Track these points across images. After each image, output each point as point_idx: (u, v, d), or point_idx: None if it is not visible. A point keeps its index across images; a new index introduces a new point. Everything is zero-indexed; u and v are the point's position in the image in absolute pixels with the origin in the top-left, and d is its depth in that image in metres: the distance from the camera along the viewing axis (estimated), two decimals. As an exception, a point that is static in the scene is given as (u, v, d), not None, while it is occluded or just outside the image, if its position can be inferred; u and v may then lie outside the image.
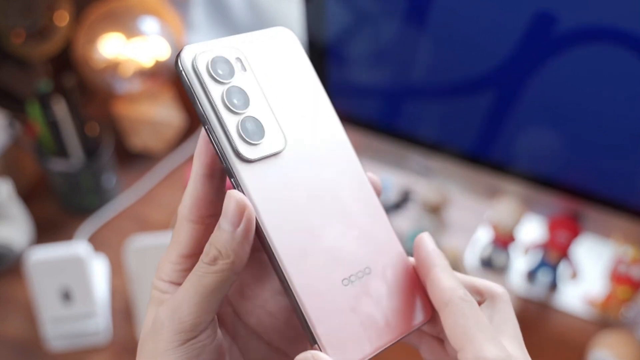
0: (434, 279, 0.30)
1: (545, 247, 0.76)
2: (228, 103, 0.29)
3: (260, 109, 0.30)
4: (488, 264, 0.78)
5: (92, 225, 0.86)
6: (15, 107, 0.87)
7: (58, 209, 0.88)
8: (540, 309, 0.78)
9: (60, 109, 0.78)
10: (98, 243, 0.82)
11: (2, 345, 0.73)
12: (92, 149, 0.83)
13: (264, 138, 0.29)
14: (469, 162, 0.75)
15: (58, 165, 0.82)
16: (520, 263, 0.80)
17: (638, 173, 0.66)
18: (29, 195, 0.88)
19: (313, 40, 0.73)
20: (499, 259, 0.77)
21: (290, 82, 0.31)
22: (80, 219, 0.86)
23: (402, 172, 0.84)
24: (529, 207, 0.76)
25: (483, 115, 0.70)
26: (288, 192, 0.29)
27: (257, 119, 0.30)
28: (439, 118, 0.73)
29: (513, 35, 0.61)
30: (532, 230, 0.83)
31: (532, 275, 0.78)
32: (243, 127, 0.29)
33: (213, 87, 0.29)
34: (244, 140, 0.29)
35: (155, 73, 0.90)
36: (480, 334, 0.28)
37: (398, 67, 0.71)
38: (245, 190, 0.28)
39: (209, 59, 0.29)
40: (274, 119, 0.30)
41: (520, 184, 0.74)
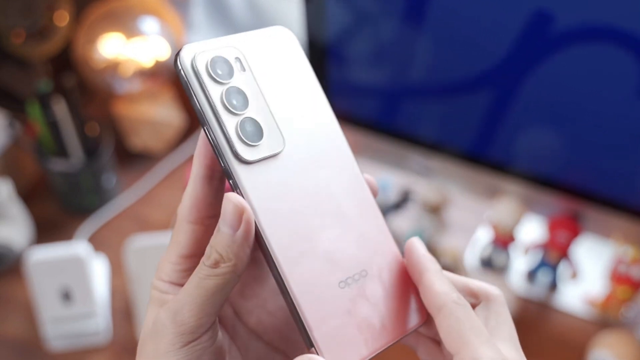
0: (427, 284, 0.30)
1: (545, 247, 0.76)
2: (227, 104, 0.29)
3: (259, 110, 0.30)
4: (488, 264, 0.78)
5: (92, 225, 0.86)
6: (15, 107, 0.87)
7: (58, 209, 0.88)
8: (540, 309, 0.78)
9: (60, 109, 0.78)
10: (98, 243, 0.82)
11: (2, 345, 0.73)
12: (92, 149, 0.83)
13: (263, 139, 0.29)
14: (469, 162, 0.75)
15: (58, 165, 0.82)
16: (520, 263, 0.80)
17: (638, 173, 0.66)
18: (29, 195, 0.88)
19: (313, 40, 0.73)
20: (499, 259, 0.77)
21: (289, 82, 0.31)
22: (80, 219, 0.86)
23: (402, 172, 0.84)
24: (529, 207, 0.76)
25: (483, 115, 0.69)
26: (286, 193, 0.29)
27: (256, 120, 0.29)
28: (439, 118, 0.73)
29: (513, 35, 0.61)
30: (532, 230, 0.83)
31: (532, 275, 0.78)
32: (242, 128, 0.29)
33: (212, 87, 0.29)
34: (243, 142, 0.29)
35: (155, 73, 0.90)
36: (475, 338, 0.28)
37: (398, 66, 0.71)
38: (244, 192, 0.28)
39: (209, 59, 0.29)
40: (273, 120, 0.30)
41: (520, 184, 0.74)
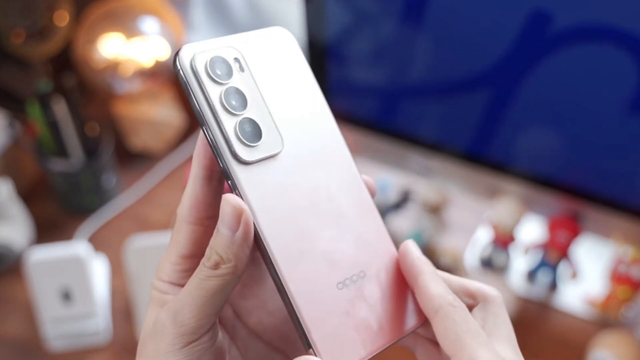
0: (422, 287, 0.30)
1: (545, 247, 0.76)
2: (226, 104, 0.29)
3: (258, 111, 0.30)
4: (488, 264, 0.78)
5: (92, 225, 0.86)
6: (15, 107, 0.87)
7: (58, 209, 0.88)
8: (540, 309, 0.78)
9: (60, 109, 0.78)
10: (98, 243, 0.82)
11: (2, 345, 0.73)
12: (92, 149, 0.83)
13: (262, 140, 0.29)
14: (469, 162, 0.75)
15: (58, 165, 0.82)
16: (520, 263, 0.80)
17: (638, 173, 0.66)
18: (29, 195, 0.88)
19: (313, 40, 0.73)
20: (499, 259, 0.77)
21: (288, 82, 0.31)
22: (80, 219, 0.86)
23: (402, 172, 0.84)
24: (529, 207, 0.76)
25: (483, 115, 0.69)
26: (285, 194, 0.29)
27: (254, 121, 0.29)
28: (439, 118, 0.73)
29: (513, 35, 0.61)
30: (532, 230, 0.83)
31: (532, 275, 0.78)
32: (241, 128, 0.29)
33: (211, 87, 0.29)
34: (242, 142, 0.29)
35: (155, 73, 0.90)
36: (472, 340, 0.28)
37: (398, 66, 0.71)
38: (242, 192, 0.28)
39: (208, 59, 0.29)
40: (272, 121, 0.30)
41: (520, 184, 0.74)
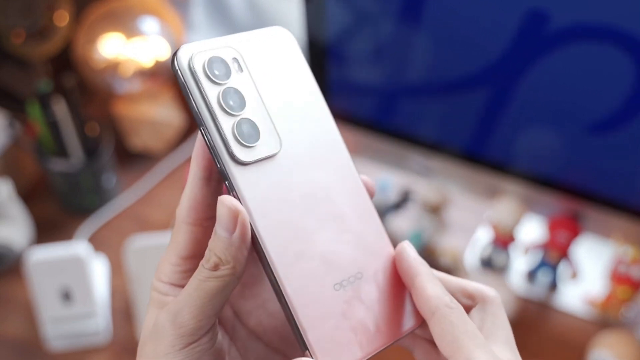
0: (419, 288, 0.30)
1: (545, 247, 0.76)
2: (224, 104, 0.29)
3: (256, 111, 0.30)
4: (488, 264, 0.78)
5: (92, 225, 0.86)
6: (15, 107, 0.87)
7: (58, 209, 0.88)
8: (540, 309, 0.78)
9: (60, 109, 0.78)
10: (98, 243, 0.82)
11: (2, 345, 0.73)
12: (92, 149, 0.83)
13: (259, 140, 0.29)
14: (469, 162, 0.75)
15: (58, 165, 0.82)
16: (520, 263, 0.80)
17: (638, 173, 0.66)
18: (29, 195, 0.88)
19: (313, 40, 0.73)
20: (499, 259, 0.77)
21: (287, 82, 0.31)
22: (80, 219, 0.86)
23: (402, 172, 0.84)
24: (529, 207, 0.76)
25: (483, 115, 0.69)
26: (282, 195, 0.29)
27: (252, 121, 0.29)
28: (439, 118, 0.73)
29: (512, 35, 0.61)
30: (532, 230, 0.83)
31: (532, 275, 0.78)
32: (238, 129, 0.29)
33: (209, 88, 0.29)
34: (239, 143, 0.29)
35: (155, 73, 0.90)
36: (469, 341, 0.28)
37: (397, 66, 0.71)
38: (239, 193, 0.28)
39: (206, 59, 0.29)
40: (270, 121, 0.30)
41: (520, 184, 0.74)
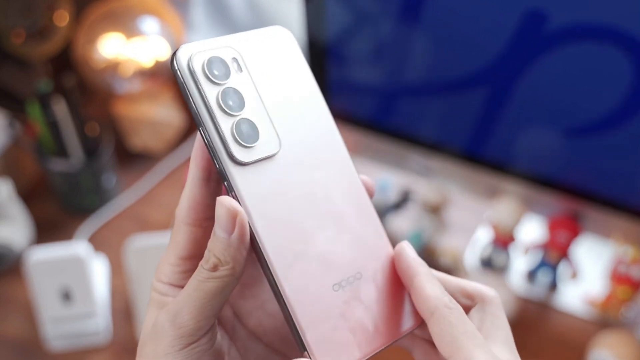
0: (418, 288, 0.30)
1: (545, 247, 0.76)
2: (223, 105, 0.29)
3: (255, 111, 0.30)
4: (488, 264, 0.78)
5: (92, 225, 0.86)
6: (15, 107, 0.87)
7: (58, 209, 0.88)
8: (540, 309, 0.78)
9: (60, 109, 0.78)
10: (98, 243, 0.82)
11: (2, 345, 0.73)
12: (92, 149, 0.83)
13: (259, 141, 0.29)
14: (469, 162, 0.75)
15: (58, 165, 0.82)
16: (520, 263, 0.80)
17: (638, 173, 0.66)
18: (29, 195, 0.88)
19: (313, 40, 0.73)
20: (499, 259, 0.77)
21: (286, 82, 0.31)
22: (80, 219, 0.86)
23: (402, 172, 0.84)
24: (529, 207, 0.76)
25: (483, 115, 0.69)
26: (281, 195, 0.29)
27: (252, 121, 0.29)
28: (439, 118, 0.73)
29: (512, 34, 0.61)
30: (532, 230, 0.83)
31: (532, 275, 0.78)
32: (237, 129, 0.29)
33: (208, 88, 0.29)
34: (238, 143, 0.28)
35: (155, 73, 0.90)
36: (468, 342, 0.28)
37: (397, 66, 0.71)
38: (238, 194, 0.28)
39: (205, 59, 0.29)
40: (269, 121, 0.30)
41: (520, 184, 0.74)
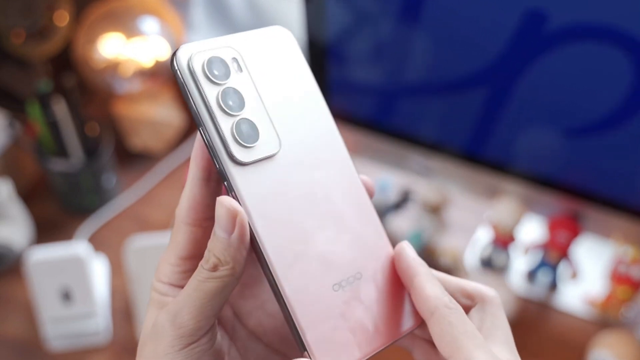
0: (418, 288, 0.30)
1: (545, 247, 0.76)
2: (223, 105, 0.29)
3: (255, 111, 0.30)
4: (488, 264, 0.78)
5: (92, 225, 0.86)
6: (15, 107, 0.87)
7: (58, 209, 0.88)
8: (540, 309, 0.78)
9: (60, 109, 0.78)
10: (98, 243, 0.82)
11: (2, 345, 0.73)
12: (92, 149, 0.83)
13: (259, 141, 0.29)
14: (469, 162, 0.75)
15: (58, 165, 0.82)
16: (520, 263, 0.80)
17: (638, 173, 0.66)
18: (29, 195, 0.88)
19: (313, 40, 0.73)
20: (499, 259, 0.77)
21: (286, 82, 0.31)
22: (80, 219, 0.86)
23: (402, 172, 0.84)
24: (529, 207, 0.76)
25: (483, 115, 0.69)
26: (281, 195, 0.29)
27: (251, 121, 0.29)
28: (439, 118, 0.73)
29: (512, 34, 0.61)
30: (532, 230, 0.83)
31: (532, 275, 0.78)
32: (237, 129, 0.29)
33: (208, 88, 0.29)
34: (238, 143, 0.28)
35: (155, 73, 0.90)
36: (468, 342, 0.28)
37: (397, 66, 0.71)
38: (238, 194, 0.28)
39: (205, 59, 0.29)
40: (269, 121, 0.30)
41: (520, 184, 0.74)
